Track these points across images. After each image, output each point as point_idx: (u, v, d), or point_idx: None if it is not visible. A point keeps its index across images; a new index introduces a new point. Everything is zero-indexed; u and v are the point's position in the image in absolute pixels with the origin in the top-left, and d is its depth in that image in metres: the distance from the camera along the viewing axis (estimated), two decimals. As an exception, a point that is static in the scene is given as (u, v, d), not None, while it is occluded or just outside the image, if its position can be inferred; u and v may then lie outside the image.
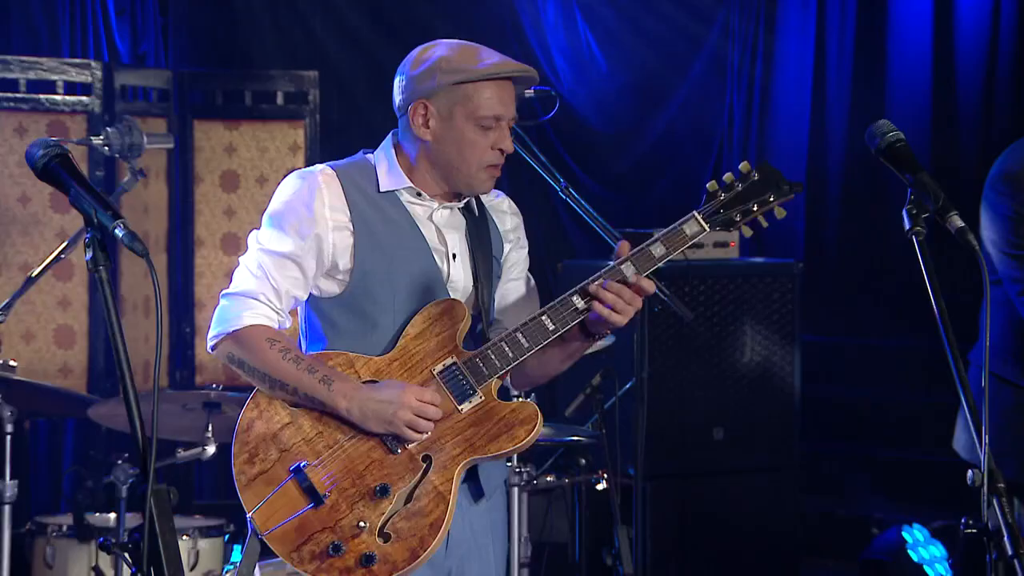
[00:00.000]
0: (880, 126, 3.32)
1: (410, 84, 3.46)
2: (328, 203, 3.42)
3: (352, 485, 3.41)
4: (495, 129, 3.43)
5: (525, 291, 3.71)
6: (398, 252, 3.45)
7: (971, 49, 7.07)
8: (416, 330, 3.45)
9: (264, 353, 3.41)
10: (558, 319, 3.43)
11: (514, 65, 3.48)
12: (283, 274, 3.43)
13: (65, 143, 3.01)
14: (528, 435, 3.42)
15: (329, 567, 3.38)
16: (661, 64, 7.90)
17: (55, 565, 5.17)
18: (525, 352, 3.42)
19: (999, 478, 3.01)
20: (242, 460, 3.45)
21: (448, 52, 3.44)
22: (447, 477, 3.41)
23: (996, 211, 4.44)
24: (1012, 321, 4.46)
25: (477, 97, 3.41)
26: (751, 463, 6.22)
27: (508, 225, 3.64)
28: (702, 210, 3.48)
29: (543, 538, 5.81)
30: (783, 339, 6.27)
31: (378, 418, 3.37)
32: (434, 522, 3.39)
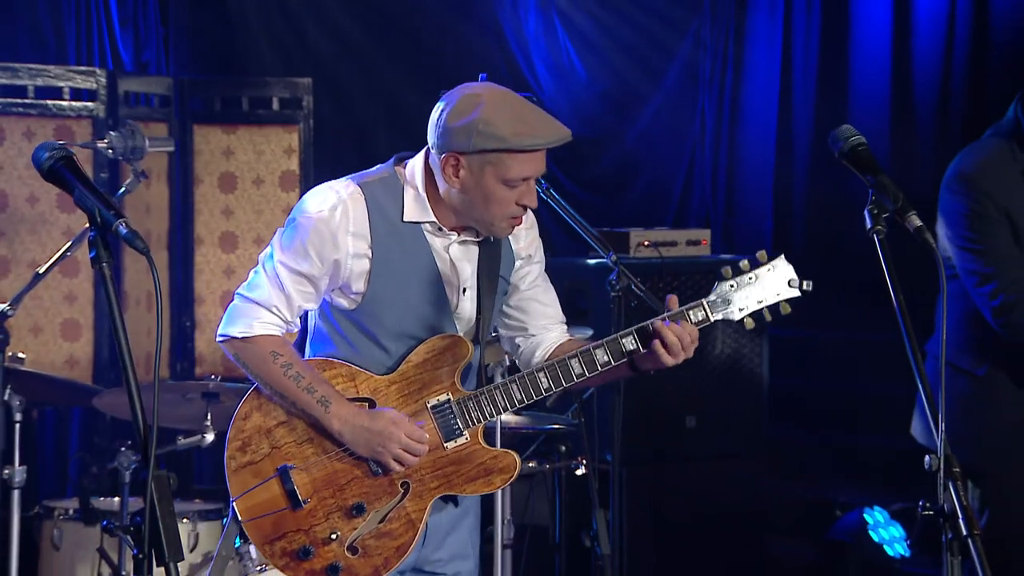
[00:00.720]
0: (843, 131, 3.33)
1: (446, 134, 3.32)
2: (352, 230, 3.37)
3: (331, 496, 3.41)
4: (522, 186, 3.34)
5: (545, 303, 3.69)
6: (412, 282, 3.42)
7: (927, 59, 7.08)
8: (419, 359, 3.43)
9: (267, 365, 3.40)
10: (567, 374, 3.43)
11: (554, 136, 3.35)
12: (297, 289, 3.41)
13: (70, 146, 3.00)
14: (503, 483, 3.45)
15: (297, 567, 3.40)
16: (637, 73, 7.90)
17: (62, 547, 5.16)
18: (516, 404, 3.41)
19: (954, 463, 3.02)
20: (235, 446, 3.45)
21: (490, 114, 3.28)
22: (421, 506, 3.42)
23: (952, 209, 4.45)
24: (967, 314, 4.47)
25: (510, 163, 3.30)
26: (721, 449, 6.23)
27: (521, 242, 3.59)
28: (711, 300, 3.49)
29: (525, 521, 5.81)
30: (751, 332, 6.26)
31: (367, 446, 3.37)
32: (401, 546, 3.41)
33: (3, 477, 4.77)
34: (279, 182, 6.52)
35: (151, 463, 2.71)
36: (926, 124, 7.09)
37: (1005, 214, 4.36)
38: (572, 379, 3.43)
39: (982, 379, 4.48)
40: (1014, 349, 4.40)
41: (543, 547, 5.79)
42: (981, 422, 4.45)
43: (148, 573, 2.73)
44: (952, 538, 2.99)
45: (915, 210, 3.15)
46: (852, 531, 6.33)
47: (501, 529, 4.92)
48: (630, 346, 3.45)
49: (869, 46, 7.28)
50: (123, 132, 5.00)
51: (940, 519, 3.01)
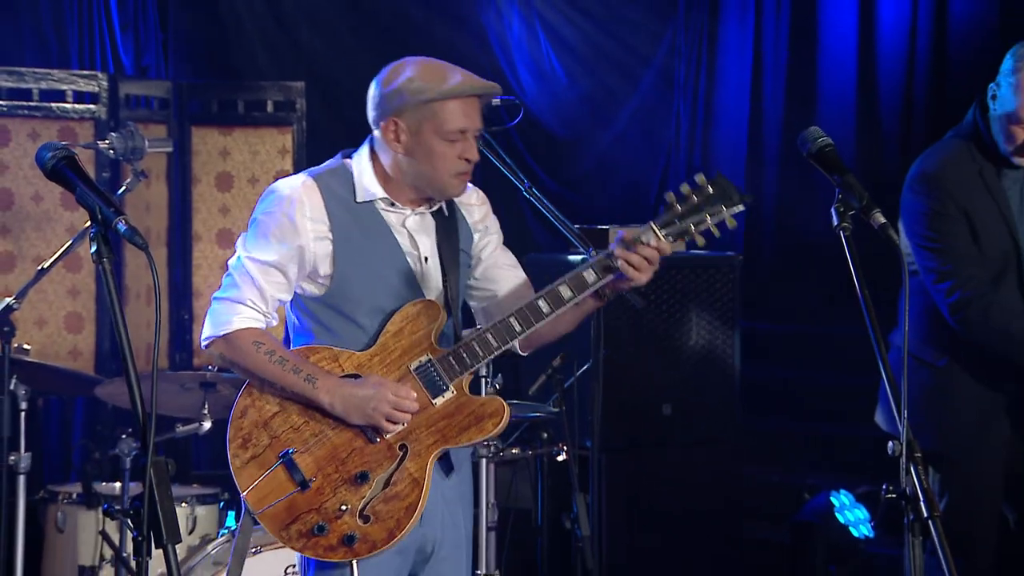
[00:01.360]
0: (811, 132, 3.33)
1: (382, 102, 3.45)
2: (309, 215, 3.41)
3: (335, 471, 3.40)
4: (461, 141, 3.40)
5: (509, 269, 3.71)
6: (375, 258, 3.44)
7: (891, 65, 7.10)
8: (395, 328, 3.44)
9: (252, 356, 3.40)
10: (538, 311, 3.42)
11: (477, 83, 3.45)
12: (268, 280, 3.42)
13: (73, 147, 2.99)
14: (495, 427, 3.43)
15: (315, 545, 3.38)
16: (615, 77, 7.91)
17: (65, 529, 5.15)
18: (494, 351, 3.42)
19: (916, 448, 3.03)
20: (236, 445, 3.44)
21: (415, 72, 3.41)
22: (421, 464, 3.41)
23: (914, 208, 4.46)
24: (927, 308, 4.48)
25: (443, 114, 3.38)
26: (696, 436, 6.23)
27: (476, 216, 3.64)
28: (659, 221, 3.45)
29: (509, 504, 5.81)
30: (724, 325, 6.27)
31: (359, 412, 3.37)
32: (409, 505, 3.39)
33: (9, 463, 4.74)
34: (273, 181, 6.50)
35: (150, 450, 2.71)
36: (890, 126, 7.11)
37: (964, 214, 4.37)
38: (542, 317, 3.42)
39: (942, 370, 4.48)
40: (972, 343, 4.41)
41: (526, 529, 5.79)
42: (941, 410, 4.46)
43: (147, 555, 2.72)
44: (914, 519, 3.00)
45: (879, 208, 3.17)
46: (820, 513, 6.34)
47: (486, 512, 4.93)
48: (591, 278, 3.45)
49: (836, 52, 7.30)
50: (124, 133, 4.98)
51: (902, 501, 3.02)
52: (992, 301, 4.34)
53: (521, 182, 4.23)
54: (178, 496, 5.10)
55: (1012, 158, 4.35)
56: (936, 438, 4.38)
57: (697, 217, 3.45)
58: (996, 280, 4.39)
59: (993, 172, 4.40)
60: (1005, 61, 4.31)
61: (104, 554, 5.03)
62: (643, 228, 3.44)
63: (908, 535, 3.01)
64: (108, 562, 5.02)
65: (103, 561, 5.05)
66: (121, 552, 4.81)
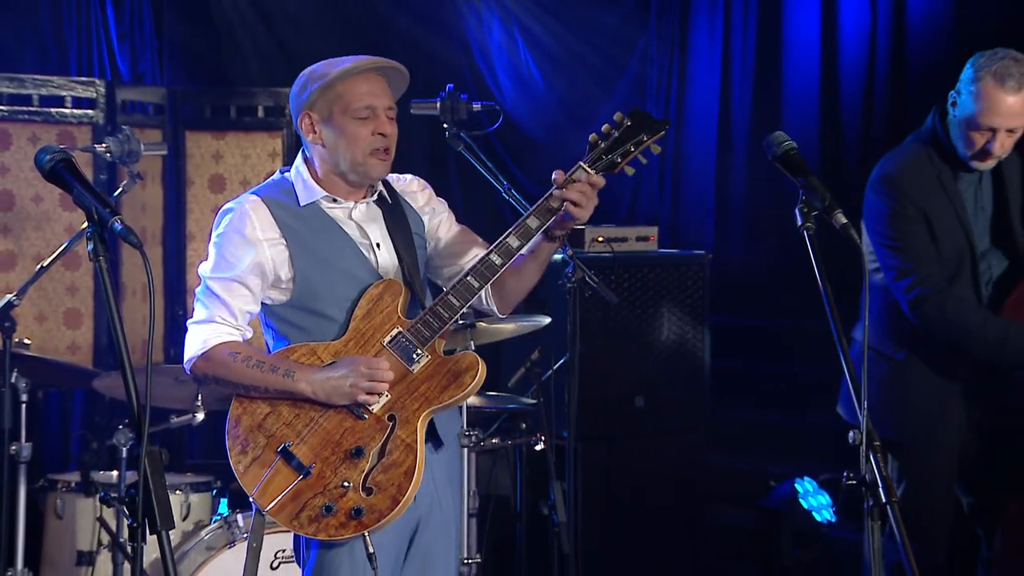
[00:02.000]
0: (776, 136, 3.34)
1: (293, 102, 3.50)
2: (259, 227, 3.44)
3: (332, 453, 3.40)
4: (372, 118, 3.42)
5: (469, 240, 3.70)
6: (330, 254, 3.46)
7: (853, 72, 7.11)
8: (363, 311, 3.46)
9: (231, 366, 3.42)
10: (499, 254, 3.42)
11: (372, 60, 3.46)
12: (233, 295, 3.44)
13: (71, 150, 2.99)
14: (473, 379, 3.43)
15: (326, 526, 3.39)
16: (590, 83, 7.90)
17: (64, 516, 5.13)
18: (457, 311, 3.42)
19: (875, 437, 3.05)
20: (236, 452, 3.45)
21: (316, 65, 3.48)
22: (411, 429, 3.41)
23: (875, 209, 4.47)
24: (887, 304, 4.49)
25: (347, 94, 3.41)
26: (667, 426, 6.23)
27: (421, 201, 3.66)
28: (587, 159, 3.46)
29: (489, 492, 5.81)
30: (695, 320, 6.28)
31: (338, 392, 3.38)
32: (407, 469, 3.40)
33: (11, 452, 4.76)
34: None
35: (144, 440, 2.71)
36: (852, 131, 7.12)
37: (923, 214, 4.39)
38: (496, 270, 3.42)
39: (900, 363, 4.50)
40: (929, 336, 4.43)
41: (505, 516, 5.79)
42: (899, 401, 4.47)
43: (142, 540, 2.72)
44: (873, 505, 3.02)
45: (841, 208, 3.18)
46: (785, 499, 6.36)
47: (467, 499, 4.92)
48: (534, 224, 3.45)
49: (800, 60, 7.31)
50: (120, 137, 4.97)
51: (862, 488, 3.04)
52: (949, 297, 4.36)
53: (500, 183, 4.24)
54: (172, 484, 5.09)
55: (970, 162, 4.37)
56: (894, 427, 4.40)
57: (622, 149, 3.47)
58: (952, 277, 4.41)
59: (950, 175, 4.42)
60: (966, 70, 4.32)
61: (101, 540, 5.02)
62: (573, 168, 3.45)
63: (867, 520, 3.03)
64: (105, 547, 5.01)
65: (100, 546, 5.03)
66: (118, 538, 4.79)
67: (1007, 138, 4.30)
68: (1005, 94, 4.21)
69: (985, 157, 4.33)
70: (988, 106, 4.23)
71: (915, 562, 3.02)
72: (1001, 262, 4.51)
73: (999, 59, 4.24)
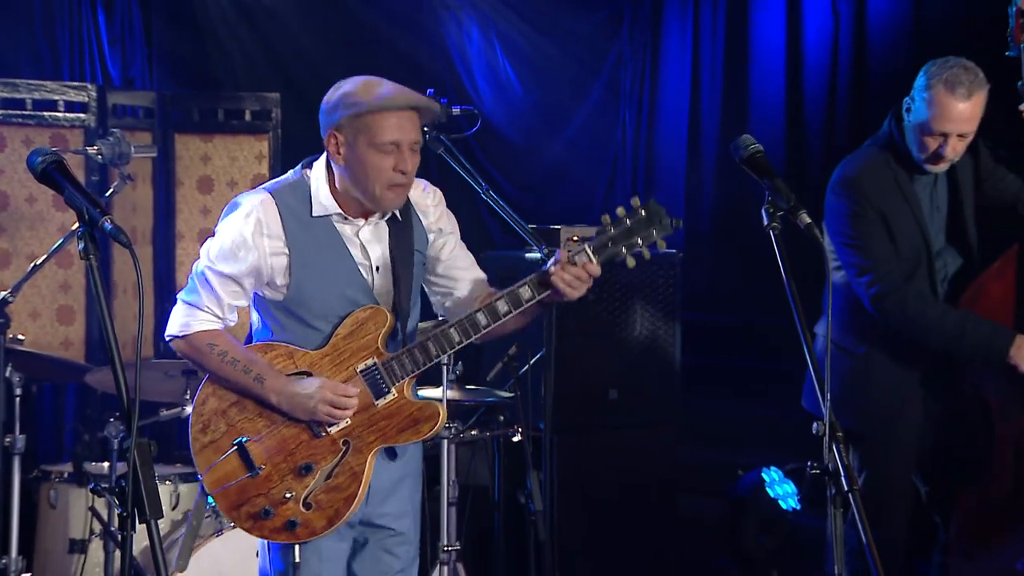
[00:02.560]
0: (743, 140, 3.35)
1: (323, 117, 3.42)
2: (266, 232, 3.39)
3: (284, 460, 3.41)
4: (395, 153, 3.34)
5: (467, 267, 3.69)
6: (328, 270, 3.44)
7: (816, 78, 7.13)
8: (346, 331, 3.44)
9: (208, 357, 3.42)
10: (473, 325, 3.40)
11: (406, 97, 3.38)
12: (225, 289, 3.43)
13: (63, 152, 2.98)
14: (431, 430, 3.43)
15: (261, 527, 3.40)
16: (566, 88, 7.90)
17: (57, 505, 5.12)
18: (433, 358, 3.41)
19: (838, 428, 3.06)
20: (197, 429, 3.45)
21: (351, 87, 3.38)
22: (362, 460, 3.41)
23: (836, 210, 4.49)
24: (849, 301, 4.51)
25: (375, 126, 3.33)
26: (639, 419, 6.24)
27: (431, 218, 3.61)
28: (593, 243, 3.43)
29: (468, 482, 5.81)
30: (666, 316, 6.29)
31: (302, 409, 3.38)
32: (349, 496, 3.40)
33: (5, 444, 4.76)
34: (251, 184, 6.47)
35: (134, 432, 2.70)
36: (815, 134, 7.14)
37: (881, 215, 4.41)
38: (479, 331, 3.41)
39: (862, 357, 4.52)
40: (888, 331, 4.44)
41: (484, 504, 5.79)
42: (861, 394, 4.49)
43: (132, 529, 2.72)
44: (835, 493, 3.03)
45: (805, 209, 3.19)
46: (752, 488, 6.38)
47: (447, 489, 4.93)
48: (527, 295, 3.44)
49: (766, 66, 7.32)
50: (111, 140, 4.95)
51: (825, 477, 3.05)
52: (908, 293, 4.38)
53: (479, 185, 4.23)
54: (162, 475, 5.08)
55: (924, 165, 4.39)
56: (856, 419, 4.42)
57: (628, 241, 3.44)
58: (910, 275, 4.43)
59: (907, 178, 4.44)
60: (919, 77, 4.34)
61: (93, 528, 5.00)
62: (578, 249, 3.41)
63: (830, 507, 3.04)
64: (97, 536, 4.99)
65: (92, 535, 5.02)
66: (109, 527, 4.79)
67: (958, 142, 4.32)
68: (956, 101, 4.24)
69: (938, 160, 4.35)
70: (940, 112, 4.25)
71: (875, 547, 3.03)
72: (956, 260, 4.54)
73: (949, 67, 4.27)
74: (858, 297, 4.44)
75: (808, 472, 3.10)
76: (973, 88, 4.25)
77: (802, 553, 6.33)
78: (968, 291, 4.44)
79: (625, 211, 3.44)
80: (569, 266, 3.38)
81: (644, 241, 3.45)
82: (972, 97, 4.25)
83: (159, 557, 2.74)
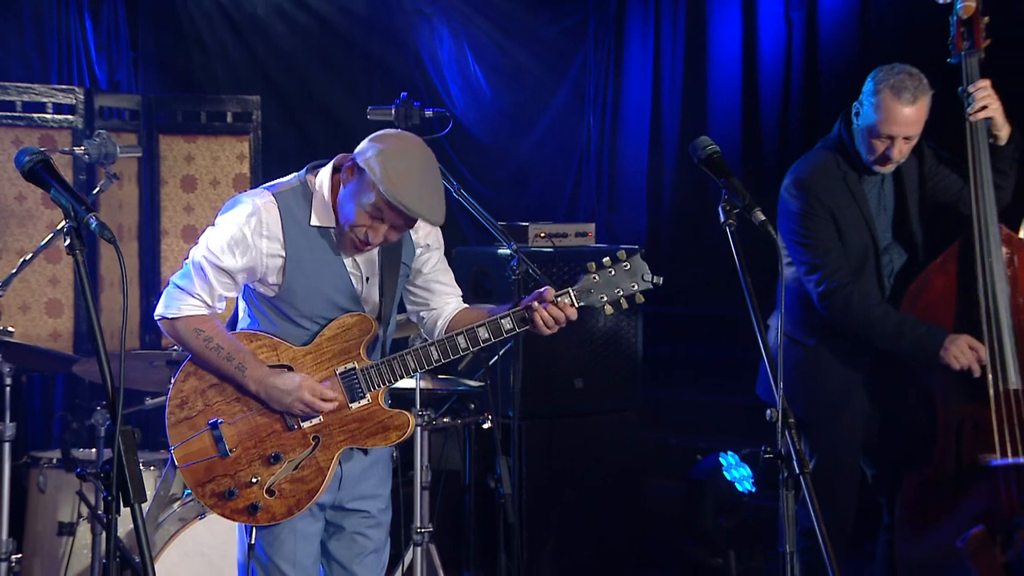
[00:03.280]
0: (701, 141, 3.36)
1: (359, 156, 3.29)
2: (265, 234, 3.36)
3: (254, 446, 3.40)
4: (376, 224, 3.30)
5: (445, 283, 3.69)
6: (320, 276, 3.42)
7: (771, 82, 7.15)
8: (331, 333, 3.43)
9: (193, 341, 3.40)
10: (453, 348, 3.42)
11: (414, 212, 3.25)
12: (219, 280, 3.41)
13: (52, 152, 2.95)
14: (399, 438, 3.45)
15: (223, 506, 3.39)
16: (533, 92, 7.90)
17: (46, 490, 5.09)
18: (411, 372, 3.42)
19: (790, 415, 3.07)
20: (175, 404, 3.43)
21: (395, 157, 3.24)
22: (329, 456, 3.42)
23: (788, 209, 4.51)
24: (800, 295, 4.53)
25: (376, 203, 3.26)
26: (604, 406, 6.25)
27: (420, 233, 3.57)
28: (577, 287, 3.46)
29: (440, 467, 5.81)
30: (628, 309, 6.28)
31: (279, 402, 3.38)
32: (311, 489, 3.41)
33: (-4, 432, 4.73)
34: (233, 183, 6.45)
35: (118, 420, 2.69)
36: (770, 136, 7.16)
37: (831, 214, 4.42)
38: (458, 352, 3.45)
39: (812, 348, 4.53)
40: (837, 325, 4.46)
41: (455, 488, 5.80)
42: (811, 383, 4.51)
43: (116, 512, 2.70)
44: (787, 476, 3.04)
45: (759, 207, 3.19)
46: (709, 472, 6.39)
47: (420, 473, 4.92)
48: (507, 326, 3.47)
49: (723, 72, 7.34)
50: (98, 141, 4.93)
51: (778, 461, 3.06)
52: (854, 290, 4.40)
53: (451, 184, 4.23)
54: (148, 460, 5.06)
55: (872, 166, 4.41)
56: (807, 407, 4.43)
57: (609, 292, 3.48)
58: (858, 271, 4.45)
59: (855, 178, 4.46)
60: (867, 83, 4.36)
61: (81, 512, 4.98)
62: (563, 292, 3.44)
63: (783, 489, 3.05)
64: (85, 519, 4.97)
65: (80, 518, 5.00)
66: (96, 510, 4.76)
67: (904, 144, 4.34)
68: (902, 105, 4.26)
69: (885, 162, 4.38)
70: (887, 116, 4.27)
71: (824, 527, 3.05)
72: (901, 256, 4.57)
73: (896, 74, 4.29)
74: (808, 292, 4.45)
75: (762, 456, 3.11)
76: (918, 93, 4.27)
77: (757, 533, 6.36)
78: (913, 285, 4.47)
79: (611, 260, 3.49)
80: (552, 306, 3.40)
81: (624, 292, 3.49)
82: (917, 102, 4.27)
83: (143, 539, 2.72)
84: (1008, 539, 4.38)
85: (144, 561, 2.75)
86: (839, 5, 6.92)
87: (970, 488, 4.40)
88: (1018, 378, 4.32)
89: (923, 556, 4.48)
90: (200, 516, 4.68)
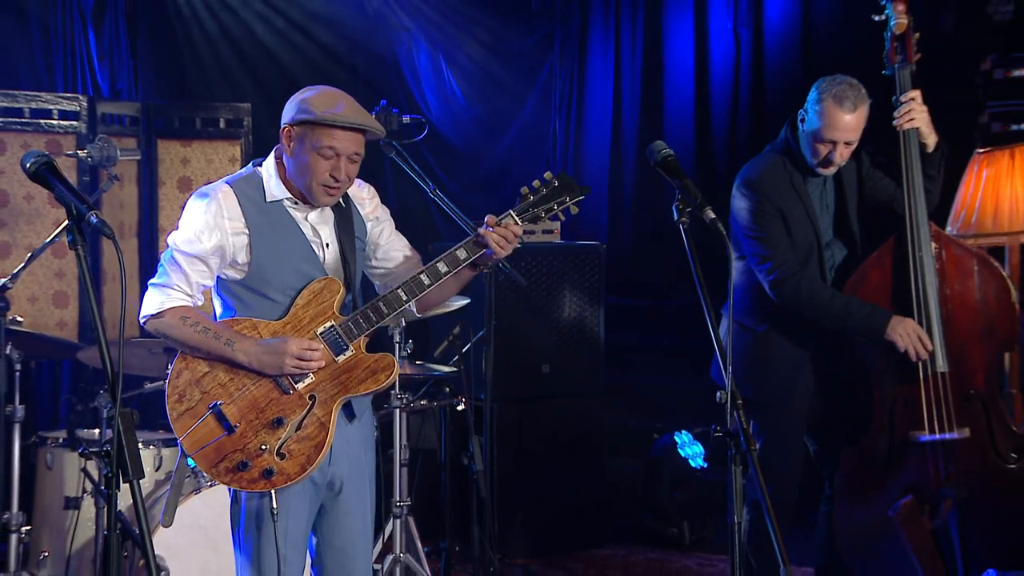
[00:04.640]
0: (657, 145, 3.37)
1: (286, 113, 3.39)
2: (227, 215, 3.37)
3: (256, 417, 3.37)
4: (333, 160, 3.32)
5: (402, 248, 3.69)
6: (284, 247, 3.41)
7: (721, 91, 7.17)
8: (304, 301, 3.42)
9: (180, 328, 3.37)
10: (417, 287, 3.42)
11: (355, 119, 3.33)
12: (193, 268, 3.39)
13: (57, 155, 2.93)
14: (387, 379, 3.42)
15: (240, 479, 3.36)
16: (504, 100, 7.89)
17: (53, 467, 5.05)
18: (385, 316, 3.41)
19: (739, 397, 3.09)
20: (173, 400, 3.40)
21: (311, 95, 3.36)
22: (327, 410, 3.39)
23: (740, 207, 4.52)
24: (750, 285, 4.54)
25: (320, 135, 3.30)
26: (569, 389, 6.27)
27: (367, 208, 3.61)
28: (517, 208, 3.50)
29: (418, 446, 5.80)
30: (592, 300, 6.31)
31: (271, 365, 3.34)
32: (318, 444, 3.38)
33: (6, 414, 4.73)
34: (203, 186, 6.44)
35: (118, 402, 2.67)
36: (720, 141, 7.18)
37: (779, 211, 4.43)
38: (424, 288, 3.44)
39: (761, 335, 4.54)
40: (785, 312, 4.48)
41: (432, 466, 5.79)
42: (761, 367, 4.52)
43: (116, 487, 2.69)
44: (735, 453, 3.05)
45: (710, 206, 3.20)
46: (665, 450, 6.42)
47: (399, 452, 4.91)
48: (463, 255, 3.49)
49: (678, 82, 7.35)
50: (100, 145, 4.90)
51: (728, 439, 3.07)
52: (802, 278, 4.41)
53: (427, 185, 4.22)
54: (147, 440, 5.04)
55: (816, 168, 4.43)
56: (755, 389, 4.45)
57: (546, 205, 3.53)
58: (804, 264, 4.47)
59: (800, 179, 4.47)
60: (811, 92, 4.38)
61: (85, 487, 4.95)
62: (504, 213, 3.48)
63: (731, 465, 3.06)
64: (89, 494, 4.94)
65: (85, 493, 4.96)
66: (98, 486, 4.73)
67: (845, 149, 4.36)
68: (843, 113, 4.28)
69: (828, 165, 4.39)
70: (829, 123, 4.29)
71: (770, 499, 3.06)
72: (842, 251, 4.59)
73: (838, 84, 4.31)
74: (758, 282, 4.47)
75: (713, 435, 3.11)
76: (858, 102, 4.29)
77: (709, 506, 6.39)
78: (852, 277, 4.49)
79: (541, 182, 3.54)
80: (498, 227, 3.43)
81: (560, 206, 3.55)
82: (857, 110, 4.29)
83: (141, 512, 2.71)
84: (935, 508, 4.41)
85: (142, 533, 2.73)
86: (783, 22, 6.94)
87: (901, 462, 4.43)
88: (945, 362, 4.35)
89: (859, 524, 4.51)
90: (196, 491, 4.65)
